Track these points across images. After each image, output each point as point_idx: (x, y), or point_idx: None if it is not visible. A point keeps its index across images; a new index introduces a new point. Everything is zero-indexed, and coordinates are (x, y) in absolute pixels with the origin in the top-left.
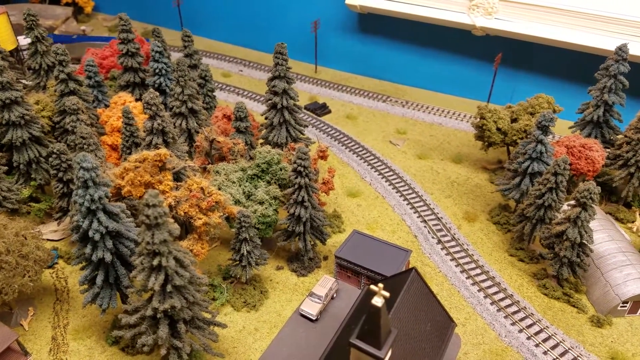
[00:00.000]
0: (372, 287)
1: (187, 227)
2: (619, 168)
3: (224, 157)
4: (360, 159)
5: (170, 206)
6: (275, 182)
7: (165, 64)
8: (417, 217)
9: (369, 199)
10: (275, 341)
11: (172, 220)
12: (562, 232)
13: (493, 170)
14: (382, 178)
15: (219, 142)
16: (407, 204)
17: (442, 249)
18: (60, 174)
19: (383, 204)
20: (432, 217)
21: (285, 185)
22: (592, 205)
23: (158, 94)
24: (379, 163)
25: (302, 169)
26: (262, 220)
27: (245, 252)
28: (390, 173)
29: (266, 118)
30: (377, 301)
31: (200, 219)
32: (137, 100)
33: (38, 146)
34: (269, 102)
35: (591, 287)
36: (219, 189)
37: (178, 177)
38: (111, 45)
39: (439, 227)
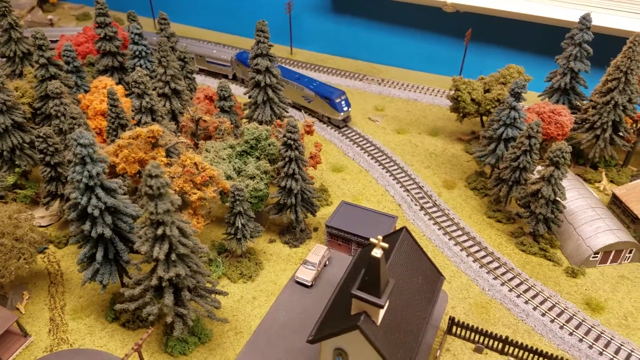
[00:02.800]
0: (372, 239)
1: (182, 204)
2: (585, 131)
3: (210, 137)
4: (342, 136)
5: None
6: (264, 158)
7: (144, 46)
8: (400, 187)
9: (353, 173)
10: (273, 307)
11: (172, 192)
12: (537, 191)
13: (468, 141)
14: (364, 153)
15: (205, 121)
16: (390, 176)
17: (424, 214)
18: (48, 158)
19: (367, 177)
20: (414, 186)
21: (274, 160)
22: (564, 163)
23: (146, 72)
24: (361, 139)
25: (292, 142)
26: (254, 194)
27: (240, 225)
28: (372, 148)
29: (250, 97)
30: (377, 252)
31: (195, 193)
32: (117, 84)
33: (21, 132)
34: (252, 80)
35: (565, 242)
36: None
37: (169, 154)
38: (85, 32)
39: (420, 195)
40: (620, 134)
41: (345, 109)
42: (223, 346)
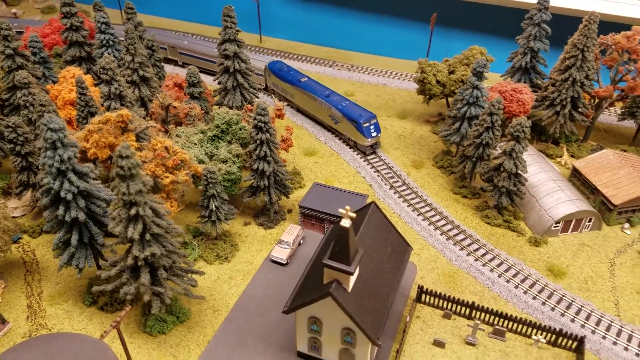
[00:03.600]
0: (341, 209)
1: (154, 188)
2: (546, 108)
3: (180, 123)
4: (314, 121)
5: None
6: (236, 142)
7: (111, 34)
8: (371, 168)
9: (325, 156)
10: (250, 285)
11: (144, 173)
12: (500, 165)
13: (435, 122)
14: (335, 137)
15: (174, 107)
16: (361, 158)
17: (394, 193)
18: (18, 148)
19: (338, 160)
20: (384, 167)
21: (246, 144)
22: (525, 138)
23: (114, 58)
24: None
25: (262, 125)
26: (226, 177)
27: (213, 208)
28: None
29: (219, 83)
30: (345, 222)
31: (167, 177)
32: (85, 74)
33: None
34: (221, 66)
35: (528, 213)
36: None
37: (139, 138)
38: (50, 23)
39: (390, 175)
40: (579, 109)
41: (373, 134)
42: (201, 324)
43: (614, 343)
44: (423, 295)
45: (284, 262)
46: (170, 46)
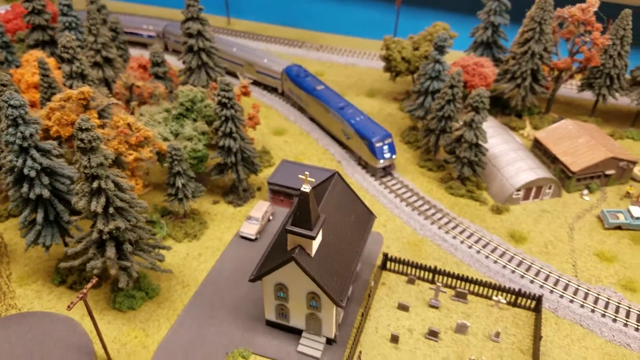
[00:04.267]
0: (300, 175)
1: (119, 166)
2: (507, 82)
3: (145, 103)
4: (282, 100)
5: None
6: (201, 119)
7: (74, 17)
8: (339, 146)
9: (295, 135)
10: (219, 261)
11: (105, 147)
12: (461, 136)
13: (402, 99)
14: (304, 116)
15: (138, 87)
16: (330, 136)
17: (362, 168)
18: None
19: (308, 138)
20: None
21: (212, 122)
22: (484, 108)
23: (74, 37)
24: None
25: (226, 101)
26: (192, 155)
27: (180, 185)
28: None
29: (184, 62)
30: (305, 188)
31: (131, 154)
32: (48, 57)
33: None
34: (185, 45)
35: (490, 183)
36: None
37: (102, 116)
38: (13, 9)
39: None
40: (540, 82)
41: (387, 155)
42: (171, 299)
43: (571, 301)
44: (388, 263)
45: (253, 238)
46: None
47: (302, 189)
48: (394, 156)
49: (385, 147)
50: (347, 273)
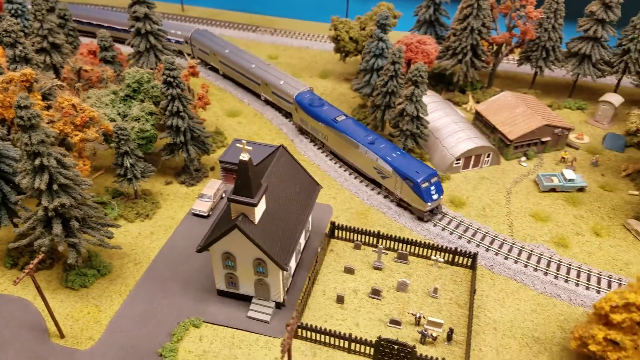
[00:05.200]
0: (237, 144)
1: (67, 147)
2: (449, 58)
3: (94, 87)
4: (237, 84)
5: None
6: (149, 100)
7: (20, 4)
8: (293, 125)
9: (249, 116)
10: (172, 237)
11: (46, 125)
12: (403, 110)
13: (353, 80)
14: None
15: (86, 71)
16: (283, 116)
17: (314, 145)
18: None
19: (262, 119)
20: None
21: (159, 102)
22: (423, 82)
23: (17, 20)
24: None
25: (171, 80)
26: (140, 135)
27: (128, 165)
28: None
29: (132, 46)
30: (244, 156)
31: (76, 135)
32: None
33: None
34: (133, 28)
35: (433, 154)
36: None
37: (46, 98)
38: None
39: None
40: (480, 57)
41: (435, 197)
42: (123, 276)
43: (506, 258)
44: (336, 231)
45: (206, 215)
46: None
47: (240, 158)
48: (441, 196)
49: (432, 188)
50: (291, 239)
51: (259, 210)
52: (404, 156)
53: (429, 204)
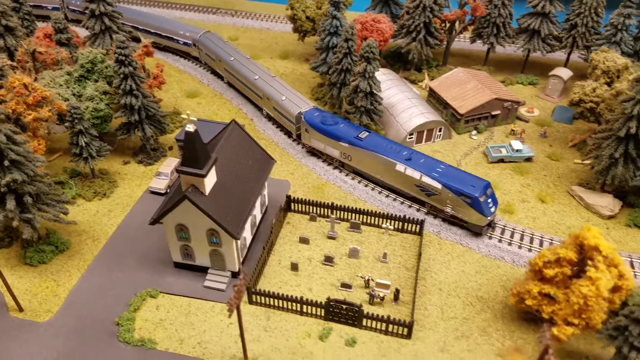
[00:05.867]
0: (183, 115)
1: (21, 127)
2: (404, 36)
3: (48, 69)
4: (197, 65)
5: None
6: (103, 80)
7: None
8: (251, 105)
9: (208, 97)
10: (129, 214)
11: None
12: (357, 87)
13: (311, 59)
14: (219, 78)
15: (41, 53)
16: (243, 96)
17: (273, 124)
18: None
19: (222, 99)
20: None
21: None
22: (374, 58)
23: None
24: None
25: (123, 58)
26: (95, 114)
27: (83, 144)
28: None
29: (87, 28)
30: (189, 127)
31: (29, 114)
32: None
33: None
34: (87, 10)
35: (388, 130)
36: None
37: None
38: None
39: None
40: (433, 34)
41: (492, 209)
42: (81, 252)
43: (452, 224)
44: (292, 204)
45: (163, 192)
46: None
47: (186, 129)
48: (497, 206)
49: (489, 200)
50: (244, 210)
51: (209, 182)
52: (449, 169)
53: (489, 217)
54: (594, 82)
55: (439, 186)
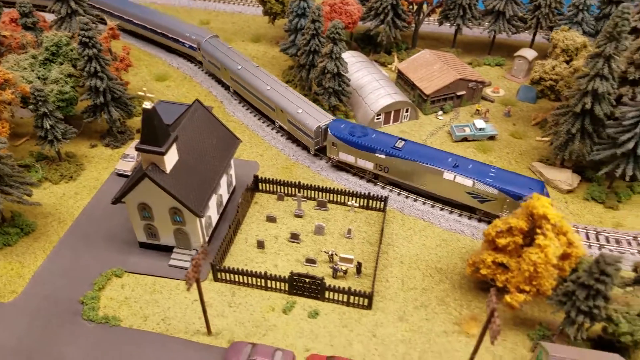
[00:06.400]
0: (139, 92)
1: None
2: (373, 19)
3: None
4: (168, 49)
5: None
6: (68, 63)
7: None
8: (222, 87)
9: (178, 80)
10: (95, 196)
11: None
12: (324, 68)
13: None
14: (188, 61)
15: (5, 37)
16: (213, 79)
17: (243, 106)
18: None
19: (191, 82)
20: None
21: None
22: (340, 39)
23: None
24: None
25: (87, 40)
26: (60, 97)
27: (48, 127)
28: None
29: (53, 12)
30: (146, 105)
31: None
32: None
33: None
34: None
35: (356, 111)
36: None
37: None
38: None
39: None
40: (401, 16)
41: None
42: (47, 234)
43: (415, 200)
44: (260, 184)
45: (129, 174)
46: None
47: (143, 106)
48: None
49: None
50: (207, 188)
51: (170, 160)
52: (501, 172)
53: None
54: (554, 61)
55: (495, 192)
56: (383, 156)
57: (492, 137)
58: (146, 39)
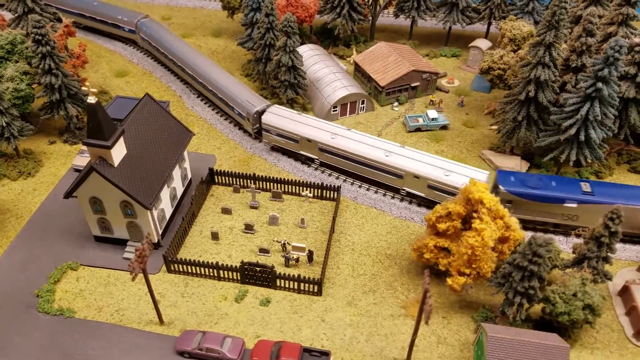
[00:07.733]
0: (84, 87)
1: None
2: (329, 12)
3: None
4: (128, 45)
5: None
6: (23, 61)
7: None
8: (181, 81)
9: (138, 75)
10: (53, 192)
11: None
12: (279, 61)
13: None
14: (148, 57)
15: None
16: (172, 74)
17: (201, 100)
18: None
19: (151, 77)
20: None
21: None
22: (293, 32)
23: None
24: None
25: (40, 38)
26: (16, 95)
27: (4, 124)
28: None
29: (10, 10)
30: (90, 99)
31: None
32: None
33: None
34: None
35: (314, 104)
36: None
37: None
38: None
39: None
40: (357, 10)
41: None
42: (4, 230)
43: (367, 189)
44: (216, 177)
45: None
46: None
47: (87, 101)
48: None
49: None
50: (158, 181)
51: (117, 153)
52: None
53: None
54: (502, 50)
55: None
56: (574, 205)
57: (444, 127)
58: (105, 34)
